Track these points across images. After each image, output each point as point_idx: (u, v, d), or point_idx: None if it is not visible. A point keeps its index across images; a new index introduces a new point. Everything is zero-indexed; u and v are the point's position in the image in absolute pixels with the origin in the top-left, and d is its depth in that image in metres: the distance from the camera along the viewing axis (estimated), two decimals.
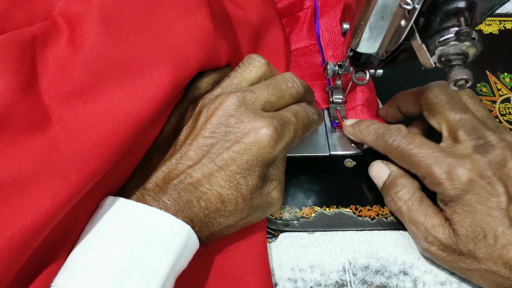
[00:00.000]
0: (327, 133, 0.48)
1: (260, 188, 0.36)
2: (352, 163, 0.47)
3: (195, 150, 0.36)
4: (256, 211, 0.38)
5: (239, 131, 0.36)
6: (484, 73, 0.53)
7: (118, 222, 0.33)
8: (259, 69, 0.40)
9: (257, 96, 0.37)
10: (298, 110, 0.39)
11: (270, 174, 0.38)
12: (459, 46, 0.32)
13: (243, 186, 0.35)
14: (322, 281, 0.42)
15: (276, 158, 0.37)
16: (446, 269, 0.43)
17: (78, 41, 0.33)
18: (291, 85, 0.39)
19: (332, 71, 0.44)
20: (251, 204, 0.36)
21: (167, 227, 0.33)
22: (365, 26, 0.36)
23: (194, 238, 0.34)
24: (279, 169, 0.39)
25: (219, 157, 0.35)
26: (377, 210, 0.45)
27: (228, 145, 0.35)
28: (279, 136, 0.36)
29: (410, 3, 0.31)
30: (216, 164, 0.35)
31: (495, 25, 0.55)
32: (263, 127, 0.35)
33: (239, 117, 0.36)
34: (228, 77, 0.40)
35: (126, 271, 0.30)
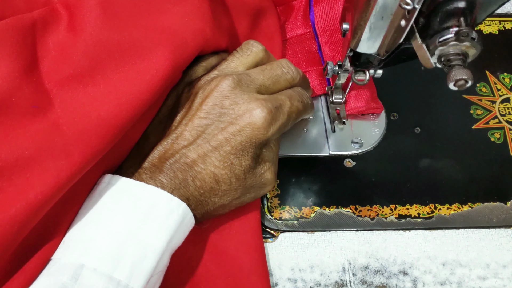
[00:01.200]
0: (327, 133, 0.48)
1: (253, 169, 0.37)
2: (352, 163, 0.47)
3: (190, 131, 0.36)
4: (249, 191, 0.38)
5: (233, 113, 0.36)
6: (484, 73, 0.53)
7: (116, 199, 0.33)
8: (256, 55, 0.40)
9: (252, 79, 0.38)
10: (293, 94, 0.40)
11: (264, 156, 0.38)
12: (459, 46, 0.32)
13: (236, 166, 0.36)
14: (322, 281, 0.42)
15: (270, 139, 0.38)
16: (446, 269, 0.43)
17: (78, 25, 0.33)
18: (286, 71, 0.40)
19: (332, 71, 0.44)
20: (244, 184, 0.37)
21: (164, 204, 0.33)
22: (365, 26, 0.36)
23: (190, 216, 0.35)
24: (273, 150, 0.40)
25: (214, 138, 0.36)
26: (377, 210, 0.45)
27: (222, 126, 0.36)
28: (273, 118, 0.37)
29: (410, 3, 0.31)
30: (211, 145, 0.36)
31: (495, 25, 0.55)
32: (257, 109, 0.36)
33: (234, 99, 0.36)
34: (225, 60, 0.40)
35: (123, 246, 0.31)
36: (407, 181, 0.47)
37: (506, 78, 0.52)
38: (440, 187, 0.46)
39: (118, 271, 0.31)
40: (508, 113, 0.50)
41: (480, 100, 0.51)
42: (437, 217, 0.45)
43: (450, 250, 0.44)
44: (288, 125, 0.39)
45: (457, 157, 0.48)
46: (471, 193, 0.46)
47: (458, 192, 0.46)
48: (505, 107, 0.51)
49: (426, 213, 0.45)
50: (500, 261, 0.44)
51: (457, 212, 0.45)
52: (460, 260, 0.44)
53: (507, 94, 0.51)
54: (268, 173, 0.39)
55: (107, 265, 0.31)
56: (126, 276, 0.31)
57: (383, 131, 0.49)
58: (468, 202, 0.46)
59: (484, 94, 0.51)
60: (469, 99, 0.51)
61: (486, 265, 0.44)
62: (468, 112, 0.50)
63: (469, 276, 0.43)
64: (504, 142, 0.49)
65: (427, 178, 0.47)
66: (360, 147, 0.48)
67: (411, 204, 0.46)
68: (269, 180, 0.39)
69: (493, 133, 0.49)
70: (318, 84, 0.49)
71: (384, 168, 0.47)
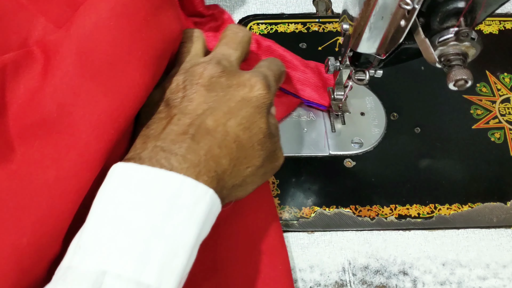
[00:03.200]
0: (327, 133, 0.48)
1: (269, 134, 0.37)
2: (352, 163, 0.47)
3: (199, 104, 0.35)
4: (266, 163, 0.38)
5: (233, 87, 0.36)
6: (484, 73, 0.53)
7: (133, 190, 0.30)
8: (201, 38, 0.40)
9: (228, 58, 0.38)
10: (270, 64, 0.40)
11: (272, 126, 0.38)
12: (458, 46, 0.32)
13: (255, 128, 0.35)
14: (322, 281, 0.42)
15: (272, 104, 0.38)
16: (446, 269, 0.43)
17: (51, 70, 0.32)
18: (243, 34, 0.40)
19: (333, 67, 0.44)
20: (266, 148, 0.37)
21: (189, 192, 0.30)
22: (365, 26, 0.36)
23: (217, 203, 0.32)
24: (275, 125, 0.39)
25: (226, 105, 0.35)
26: (377, 210, 0.45)
27: (229, 97, 0.36)
28: (268, 85, 0.37)
29: (409, 3, 0.31)
30: (225, 112, 0.35)
31: (495, 25, 0.55)
32: (252, 78, 0.36)
33: (228, 77, 0.36)
34: (180, 59, 0.39)
35: (148, 244, 0.28)
36: (407, 181, 0.47)
37: (506, 78, 0.52)
38: (440, 187, 0.46)
39: (146, 274, 0.27)
40: (508, 113, 0.50)
41: (480, 100, 0.51)
42: (437, 217, 0.45)
43: (450, 250, 0.44)
44: (275, 91, 0.40)
45: (457, 157, 0.48)
46: (471, 193, 0.46)
47: (458, 192, 0.46)
48: (505, 107, 0.51)
49: (426, 213, 0.45)
50: (500, 261, 0.44)
51: (457, 212, 0.45)
52: (460, 260, 0.44)
53: (507, 94, 0.51)
54: (279, 144, 0.39)
55: (132, 269, 0.27)
56: (156, 278, 0.28)
57: (383, 131, 0.49)
58: (468, 202, 0.46)
59: (484, 94, 0.51)
60: (469, 99, 0.51)
61: (486, 265, 0.44)
62: (468, 112, 0.50)
63: (469, 276, 0.43)
64: (504, 142, 0.49)
65: (427, 178, 0.47)
66: (360, 147, 0.48)
67: (411, 204, 0.46)
68: (281, 152, 0.39)
69: (493, 133, 0.49)
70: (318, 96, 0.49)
71: (384, 168, 0.47)
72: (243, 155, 0.35)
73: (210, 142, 0.33)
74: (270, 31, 0.53)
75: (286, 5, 0.55)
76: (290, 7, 0.55)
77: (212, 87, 0.36)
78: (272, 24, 0.54)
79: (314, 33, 0.54)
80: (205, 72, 0.36)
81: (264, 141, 0.36)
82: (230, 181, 0.34)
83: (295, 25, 0.54)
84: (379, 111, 0.50)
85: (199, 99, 0.35)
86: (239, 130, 0.35)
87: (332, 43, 0.53)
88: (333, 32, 0.54)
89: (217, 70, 0.36)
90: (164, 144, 0.32)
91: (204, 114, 0.34)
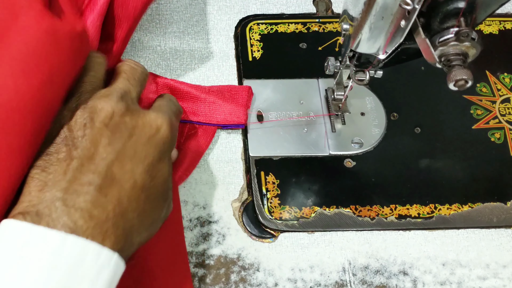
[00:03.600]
0: (327, 133, 0.48)
1: (169, 180, 0.36)
2: (352, 163, 0.47)
3: (103, 147, 0.32)
4: (167, 210, 0.36)
5: (139, 127, 0.34)
6: (484, 73, 0.53)
7: (26, 259, 0.26)
8: (103, 65, 0.37)
9: (129, 95, 0.36)
10: (170, 104, 0.39)
11: (171, 170, 0.37)
12: (459, 46, 0.32)
13: (160, 175, 0.34)
14: (322, 281, 0.42)
15: (173, 145, 0.37)
16: (446, 269, 0.43)
17: None
18: (141, 69, 0.39)
19: (333, 67, 0.44)
20: (168, 196, 0.36)
21: (92, 260, 0.27)
22: (365, 26, 0.36)
23: (122, 266, 0.30)
24: (170, 170, 0.37)
25: (132, 150, 0.33)
26: (377, 210, 0.45)
27: (134, 139, 0.33)
28: (173, 125, 0.36)
29: (410, 3, 0.31)
30: (132, 157, 0.32)
31: (495, 25, 0.55)
32: (158, 119, 0.35)
33: (132, 116, 0.34)
34: (80, 88, 0.35)
35: None
36: (407, 181, 0.47)
37: (506, 78, 0.52)
38: (440, 187, 0.46)
39: None
40: (508, 113, 0.50)
41: (480, 100, 0.51)
42: (437, 217, 0.45)
43: (450, 250, 0.44)
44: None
45: (457, 157, 0.48)
46: (471, 193, 0.46)
47: (458, 192, 0.46)
48: (505, 107, 0.51)
49: (426, 213, 0.45)
50: (500, 261, 0.44)
51: (457, 212, 0.45)
52: (460, 260, 0.44)
53: (507, 94, 0.51)
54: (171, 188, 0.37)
55: None
56: None
57: (383, 131, 0.49)
58: (468, 202, 0.46)
59: (484, 94, 0.51)
60: (469, 99, 0.51)
61: (486, 265, 0.44)
62: (468, 112, 0.50)
63: (469, 276, 0.43)
64: (504, 142, 0.49)
65: (427, 178, 0.47)
66: (360, 147, 0.48)
67: (411, 204, 0.46)
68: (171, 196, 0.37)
69: (493, 133, 0.49)
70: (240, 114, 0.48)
71: (384, 168, 0.47)
72: (150, 207, 0.33)
73: (119, 194, 0.31)
74: (270, 31, 0.53)
75: (286, 5, 0.55)
76: (290, 7, 0.55)
77: (116, 127, 0.33)
78: (272, 24, 0.54)
79: (314, 33, 0.54)
80: (108, 109, 0.33)
81: (166, 187, 0.35)
82: (136, 238, 0.32)
83: (295, 25, 0.54)
84: (379, 111, 0.50)
85: (103, 141, 0.32)
86: (146, 178, 0.33)
87: (332, 43, 0.53)
88: (333, 32, 0.54)
89: (120, 108, 0.33)
90: (66, 195, 0.29)
91: (109, 160, 0.31)
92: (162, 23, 0.52)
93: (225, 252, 0.43)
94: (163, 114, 0.36)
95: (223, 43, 0.52)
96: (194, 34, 0.52)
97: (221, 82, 0.50)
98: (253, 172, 0.46)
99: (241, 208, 0.45)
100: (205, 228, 0.44)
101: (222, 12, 0.54)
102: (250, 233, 0.44)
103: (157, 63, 0.50)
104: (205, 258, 0.43)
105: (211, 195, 0.45)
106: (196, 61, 0.51)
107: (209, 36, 0.52)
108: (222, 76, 0.50)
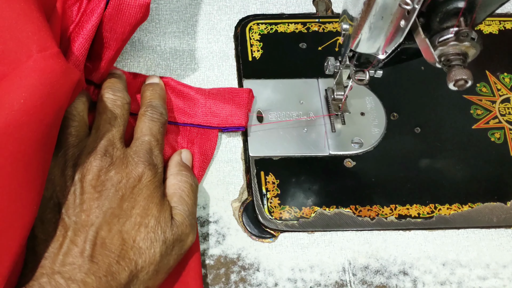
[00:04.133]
0: (326, 133, 0.48)
1: (164, 221, 0.37)
2: (352, 163, 0.47)
3: (92, 209, 0.35)
4: (175, 249, 0.37)
5: (123, 181, 0.36)
6: (484, 73, 0.53)
7: None
8: (84, 105, 0.40)
9: (112, 141, 0.38)
10: (150, 125, 0.40)
11: (167, 209, 0.38)
12: (458, 46, 0.32)
13: (151, 223, 0.36)
14: (322, 281, 0.42)
15: (161, 182, 0.39)
16: (446, 269, 0.43)
17: None
18: (120, 100, 0.40)
19: (333, 67, 0.44)
20: (168, 237, 0.37)
21: None
22: (365, 26, 0.36)
23: None
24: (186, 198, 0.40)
25: (119, 208, 0.35)
26: (377, 210, 0.45)
27: (121, 194, 0.36)
28: (154, 164, 0.38)
29: (409, 3, 0.31)
30: (118, 215, 0.35)
31: (495, 25, 0.55)
32: (138, 166, 0.37)
33: (116, 170, 0.36)
34: (67, 141, 0.38)
35: None
36: (407, 181, 0.47)
37: (506, 78, 0.52)
38: (440, 187, 0.46)
39: None
40: (508, 113, 0.50)
41: (480, 100, 0.51)
42: (437, 217, 0.45)
43: (450, 250, 0.44)
44: (163, 143, 0.41)
45: (457, 157, 0.48)
46: (471, 193, 0.46)
47: (458, 192, 0.46)
48: (505, 107, 0.51)
49: (426, 213, 0.45)
50: (500, 261, 0.44)
51: (457, 212, 0.45)
52: (460, 260, 0.44)
53: (507, 94, 0.51)
54: (186, 217, 0.38)
55: None
56: None
57: (383, 131, 0.49)
58: (468, 202, 0.46)
59: (484, 94, 0.51)
60: (469, 99, 0.51)
61: (486, 265, 0.44)
62: (468, 112, 0.50)
63: (469, 276, 0.43)
64: (504, 142, 0.49)
65: (427, 178, 0.47)
66: (360, 147, 0.48)
67: (411, 204, 0.46)
68: (189, 225, 0.38)
69: (493, 133, 0.49)
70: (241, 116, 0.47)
71: (384, 168, 0.47)
72: (143, 259, 0.35)
73: (108, 258, 0.33)
74: (270, 31, 0.53)
75: (286, 5, 0.55)
76: (290, 7, 0.55)
77: (103, 185, 0.35)
78: (272, 24, 0.54)
79: (314, 33, 0.54)
80: (94, 170, 0.36)
81: (163, 230, 0.36)
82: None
83: (295, 25, 0.54)
84: (379, 111, 0.50)
85: (92, 204, 0.35)
86: (135, 232, 0.35)
87: (332, 43, 0.53)
88: (333, 32, 0.54)
89: (105, 164, 0.36)
90: (64, 268, 0.32)
91: (98, 224, 0.34)
92: (162, 23, 0.52)
93: (225, 252, 0.43)
94: (142, 158, 0.38)
95: (223, 43, 0.52)
96: (194, 34, 0.52)
97: (221, 82, 0.50)
98: (253, 172, 0.46)
99: (241, 208, 0.45)
100: (205, 228, 0.44)
101: (222, 12, 0.54)
102: (250, 233, 0.44)
103: (157, 63, 0.50)
104: (205, 258, 0.43)
105: (211, 195, 0.45)
106: (196, 61, 0.51)
107: (209, 36, 0.52)
108: (222, 76, 0.50)
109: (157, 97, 0.43)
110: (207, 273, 0.42)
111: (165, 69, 0.50)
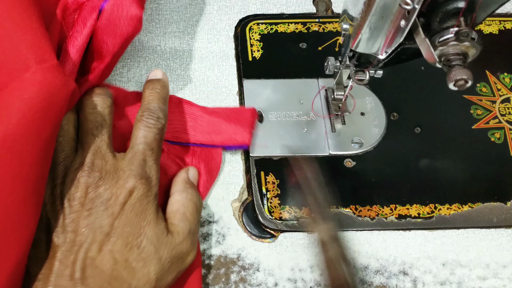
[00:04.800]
0: (327, 133, 0.48)
1: (159, 238, 0.36)
2: (352, 163, 0.47)
3: (81, 228, 0.34)
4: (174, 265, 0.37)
5: (113, 197, 0.35)
6: (484, 73, 0.53)
7: None
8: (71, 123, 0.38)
9: (100, 152, 0.36)
10: (145, 133, 0.38)
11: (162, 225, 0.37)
12: (458, 46, 0.32)
13: (144, 241, 0.35)
14: (322, 281, 0.42)
15: (156, 195, 0.37)
16: (446, 269, 0.43)
17: None
18: (104, 107, 0.39)
19: (333, 67, 0.44)
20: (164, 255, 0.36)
21: None
22: (365, 26, 0.36)
23: None
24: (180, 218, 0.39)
25: (108, 226, 0.34)
26: (377, 210, 0.45)
27: (111, 211, 0.35)
28: (147, 177, 0.36)
29: (409, 3, 0.31)
30: (108, 233, 0.34)
31: (495, 25, 0.55)
32: (130, 180, 0.35)
33: (105, 185, 0.35)
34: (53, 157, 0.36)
35: None
36: (407, 181, 0.47)
37: (506, 78, 0.52)
38: (440, 187, 0.46)
39: None
40: (508, 113, 0.50)
41: (480, 100, 0.51)
42: (437, 217, 0.45)
43: (450, 250, 0.44)
44: (159, 153, 0.39)
45: (457, 157, 0.48)
46: (471, 193, 0.46)
47: (458, 192, 0.46)
48: (505, 107, 0.51)
49: (426, 213, 0.45)
50: (500, 261, 0.44)
51: (457, 212, 0.45)
52: (460, 260, 0.44)
53: (507, 94, 0.51)
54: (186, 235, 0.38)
55: None
56: None
57: (383, 131, 0.49)
58: (468, 202, 0.46)
59: (484, 94, 0.51)
60: (469, 99, 0.51)
61: (486, 265, 0.44)
62: (468, 112, 0.50)
63: (469, 276, 0.43)
64: (504, 142, 0.49)
65: (427, 178, 0.47)
66: (360, 147, 0.48)
67: (411, 204, 0.46)
68: (190, 243, 0.38)
69: (493, 133, 0.49)
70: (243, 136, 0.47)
71: (384, 168, 0.47)
72: (138, 279, 0.34)
73: (100, 280, 0.32)
74: (270, 31, 0.53)
75: (286, 5, 0.55)
76: (290, 7, 0.55)
77: (92, 203, 0.34)
78: (272, 24, 0.54)
79: (314, 33, 0.54)
80: (82, 187, 0.35)
81: (156, 248, 0.35)
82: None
83: (295, 25, 0.54)
84: (379, 111, 0.50)
85: (81, 223, 0.34)
86: (127, 252, 0.34)
87: (332, 43, 0.53)
88: (333, 32, 0.54)
89: (93, 181, 0.35)
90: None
91: (87, 244, 0.33)
92: (162, 23, 0.52)
93: (225, 252, 0.43)
94: (134, 170, 0.36)
95: (223, 43, 0.52)
96: (194, 34, 0.52)
97: (221, 82, 0.50)
98: (253, 172, 0.46)
99: (241, 208, 0.45)
100: (205, 228, 0.44)
101: (222, 12, 0.54)
102: (250, 233, 0.44)
103: (157, 63, 0.50)
104: (205, 258, 0.43)
105: (210, 195, 0.45)
106: (196, 61, 0.51)
107: (209, 36, 0.52)
108: (222, 76, 0.50)
109: (155, 98, 0.41)
110: (207, 273, 0.42)
111: (165, 69, 0.50)
